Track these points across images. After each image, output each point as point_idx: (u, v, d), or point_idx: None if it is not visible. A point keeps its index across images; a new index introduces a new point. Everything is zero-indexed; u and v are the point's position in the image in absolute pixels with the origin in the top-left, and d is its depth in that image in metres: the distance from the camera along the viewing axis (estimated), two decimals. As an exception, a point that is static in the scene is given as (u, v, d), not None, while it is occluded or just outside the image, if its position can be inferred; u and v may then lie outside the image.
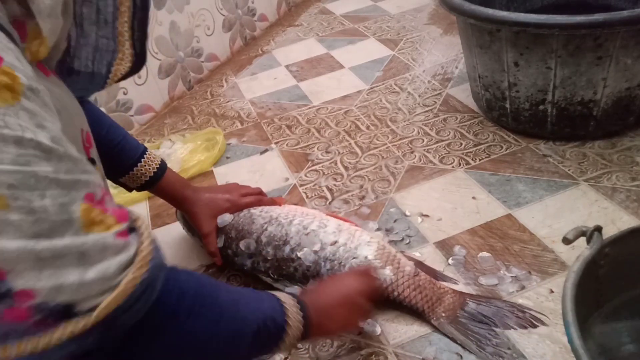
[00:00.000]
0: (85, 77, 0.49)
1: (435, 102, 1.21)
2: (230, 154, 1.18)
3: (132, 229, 0.39)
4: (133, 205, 1.05)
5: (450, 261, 0.78)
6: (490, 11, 0.88)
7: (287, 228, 0.77)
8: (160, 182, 0.80)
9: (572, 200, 0.84)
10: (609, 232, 0.56)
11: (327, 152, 1.11)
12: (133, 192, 0.81)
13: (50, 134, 0.34)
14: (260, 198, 0.85)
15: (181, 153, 1.16)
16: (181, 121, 1.38)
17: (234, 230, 0.81)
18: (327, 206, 0.95)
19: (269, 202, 0.86)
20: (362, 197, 0.95)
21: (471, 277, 0.75)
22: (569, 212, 0.82)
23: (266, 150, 1.16)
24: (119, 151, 0.75)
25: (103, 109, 1.26)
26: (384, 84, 1.35)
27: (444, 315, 0.69)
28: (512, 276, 0.73)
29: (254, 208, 0.83)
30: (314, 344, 0.70)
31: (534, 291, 0.71)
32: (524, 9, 1.19)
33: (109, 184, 0.71)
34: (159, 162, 0.80)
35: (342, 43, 1.66)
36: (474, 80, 1.08)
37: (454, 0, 0.95)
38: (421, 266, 0.75)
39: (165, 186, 0.81)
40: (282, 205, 0.86)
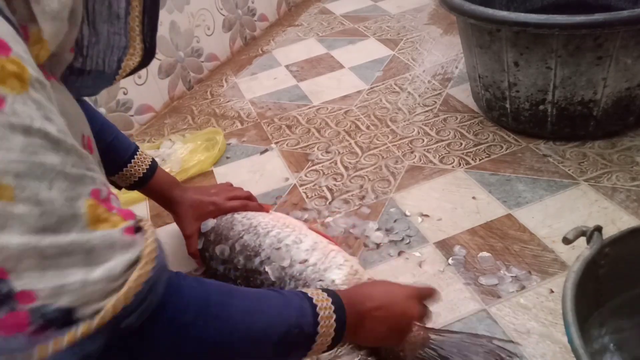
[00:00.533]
0: (96, 75, 0.49)
1: (435, 102, 1.22)
2: (230, 154, 1.18)
3: (137, 229, 0.38)
4: (133, 205, 1.05)
5: (450, 261, 0.78)
6: (490, 11, 0.88)
7: (261, 239, 0.75)
8: (150, 182, 0.80)
9: (572, 200, 0.84)
10: (609, 232, 0.56)
11: (327, 152, 1.11)
12: (134, 192, 0.81)
13: (57, 126, 0.33)
14: (246, 203, 0.84)
15: (181, 153, 1.16)
16: (181, 121, 1.38)
17: (214, 233, 0.80)
18: (327, 206, 0.95)
19: (255, 208, 0.85)
20: (362, 197, 0.95)
21: (471, 277, 0.75)
22: (569, 212, 0.82)
23: (266, 150, 1.16)
24: (111, 150, 0.75)
25: (103, 109, 1.26)
26: (384, 83, 1.35)
27: (402, 355, 0.63)
28: (512, 276, 0.73)
29: (238, 213, 0.82)
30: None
31: (534, 291, 0.71)
32: (524, 9, 1.19)
33: None
34: (150, 162, 0.80)
35: (342, 43, 1.67)
36: (474, 80, 1.08)
37: (454, 0, 0.95)
38: None
39: (154, 186, 0.81)
40: (269, 212, 0.84)
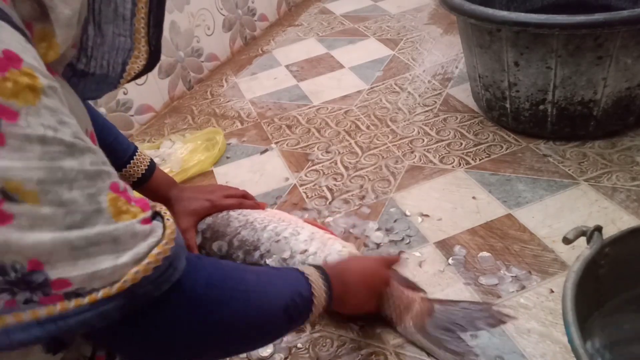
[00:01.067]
0: (99, 77, 0.49)
1: (436, 102, 1.21)
2: (231, 153, 1.18)
3: (154, 216, 0.41)
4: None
5: (451, 261, 0.78)
6: (491, 11, 0.88)
7: (259, 233, 0.77)
8: (148, 182, 0.81)
9: (572, 200, 0.84)
10: (609, 232, 0.56)
11: (327, 152, 1.11)
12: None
13: (71, 129, 0.35)
14: (242, 201, 0.86)
15: (181, 153, 1.16)
16: (181, 121, 1.38)
17: (210, 230, 0.81)
18: (327, 206, 0.95)
19: (251, 206, 0.85)
20: (362, 197, 0.95)
21: (471, 277, 0.75)
22: (569, 212, 0.82)
23: (266, 150, 1.16)
24: (111, 151, 0.76)
25: (103, 109, 1.26)
26: (384, 83, 1.35)
27: (411, 323, 0.67)
28: (512, 276, 0.73)
29: (233, 210, 0.83)
30: (314, 344, 0.70)
31: (534, 291, 0.71)
32: (524, 8, 1.19)
33: None
34: (149, 163, 0.81)
35: (342, 43, 1.67)
36: (474, 80, 1.08)
37: (454, 0, 0.95)
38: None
39: (152, 186, 0.82)
40: (264, 209, 0.85)
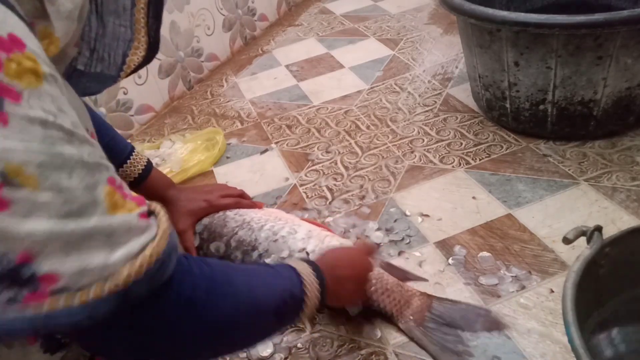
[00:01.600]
0: (100, 75, 0.49)
1: (436, 101, 1.21)
2: (231, 153, 1.18)
3: (149, 213, 0.40)
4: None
5: (451, 261, 0.78)
6: (491, 11, 0.88)
7: (257, 233, 0.76)
8: (145, 182, 0.81)
9: (572, 200, 0.84)
10: (609, 232, 0.56)
11: (327, 152, 1.11)
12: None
13: (70, 119, 0.34)
14: (239, 200, 0.85)
15: (181, 153, 1.16)
16: (181, 121, 1.38)
17: (207, 231, 0.81)
18: (327, 206, 0.95)
19: (248, 205, 0.85)
20: (362, 197, 0.95)
21: (471, 277, 0.75)
22: (569, 211, 0.82)
23: (266, 150, 1.16)
24: (107, 151, 0.75)
25: (103, 109, 1.26)
26: (384, 83, 1.35)
27: (411, 318, 0.68)
28: (512, 276, 0.73)
29: (230, 210, 0.83)
30: (314, 344, 0.70)
31: (534, 291, 0.71)
32: (524, 8, 1.19)
33: None
34: (145, 163, 0.81)
35: (342, 43, 1.66)
36: (474, 80, 1.08)
37: (454, 0, 0.95)
38: (389, 268, 0.74)
39: (149, 186, 0.81)
40: (261, 209, 0.85)
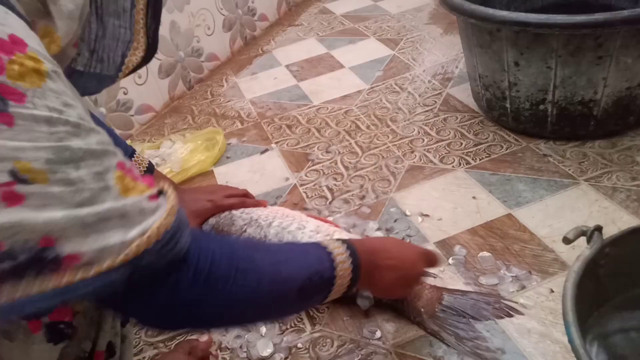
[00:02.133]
0: (99, 74, 0.49)
1: (436, 101, 1.21)
2: (231, 153, 1.18)
3: (159, 192, 0.41)
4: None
5: (451, 261, 0.78)
6: (491, 11, 0.88)
7: (266, 230, 0.77)
8: None
9: (573, 199, 0.84)
10: (609, 231, 0.56)
11: (328, 152, 1.11)
12: None
13: (75, 111, 0.35)
14: (243, 200, 0.86)
15: (181, 153, 1.16)
16: (181, 121, 1.38)
17: (214, 231, 0.81)
18: (327, 206, 0.95)
19: (252, 204, 0.85)
20: (363, 197, 0.95)
21: (471, 277, 0.74)
22: (570, 211, 0.82)
23: (266, 150, 1.16)
24: None
25: (103, 109, 1.26)
26: (384, 83, 1.35)
27: (423, 310, 0.69)
28: (512, 276, 0.73)
29: (236, 209, 0.83)
30: (314, 344, 0.70)
31: (534, 291, 0.71)
32: (525, 8, 1.19)
33: None
34: (147, 165, 0.81)
35: (342, 43, 1.66)
36: (474, 80, 1.08)
37: (454, 0, 0.95)
38: None
39: None
40: (266, 207, 0.85)
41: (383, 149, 1.08)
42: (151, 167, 0.82)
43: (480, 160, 0.98)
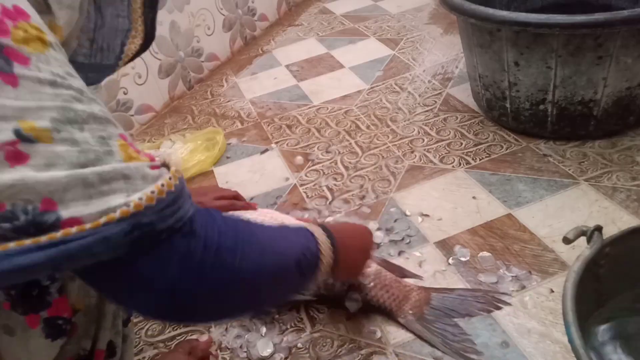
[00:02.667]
0: (98, 64, 0.50)
1: (436, 101, 1.21)
2: (231, 153, 1.18)
3: (161, 165, 0.41)
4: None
5: (451, 261, 0.78)
6: (491, 11, 0.88)
7: None
8: None
9: (573, 199, 0.84)
10: (609, 231, 0.56)
11: (328, 152, 1.11)
12: None
13: (79, 82, 0.36)
14: (233, 202, 0.85)
15: (181, 153, 1.16)
16: (181, 121, 1.38)
17: None
18: (327, 206, 0.95)
19: (242, 207, 0.85)
20: (363, 197, 0.95)
21: (471, 277, 0.75)
22: (570, 211, 0.82)
23: (266, 150, 1.16)
24: None
25: (103, 109, 1.26)
26: (384, 83, 1.35)
27: (410, 312, 0.69)
28: (512, 276, 0.73)
29: (224, 212, 0.83)
30: (314, 344, 0.70)
31: (534, 291, 0.71)
32: (525, 8, 1.19)
33: None
34: None
35: (342, 43, 1.66)
36: (474, 79, 1.08)
37: (454, 0, 0.95)
38: (387, 265, 0.75)
39: None
40: (255, 209, 0.85)
41: (383, 149, 1.08)
42: None
43: (480, 160, 0.98)
